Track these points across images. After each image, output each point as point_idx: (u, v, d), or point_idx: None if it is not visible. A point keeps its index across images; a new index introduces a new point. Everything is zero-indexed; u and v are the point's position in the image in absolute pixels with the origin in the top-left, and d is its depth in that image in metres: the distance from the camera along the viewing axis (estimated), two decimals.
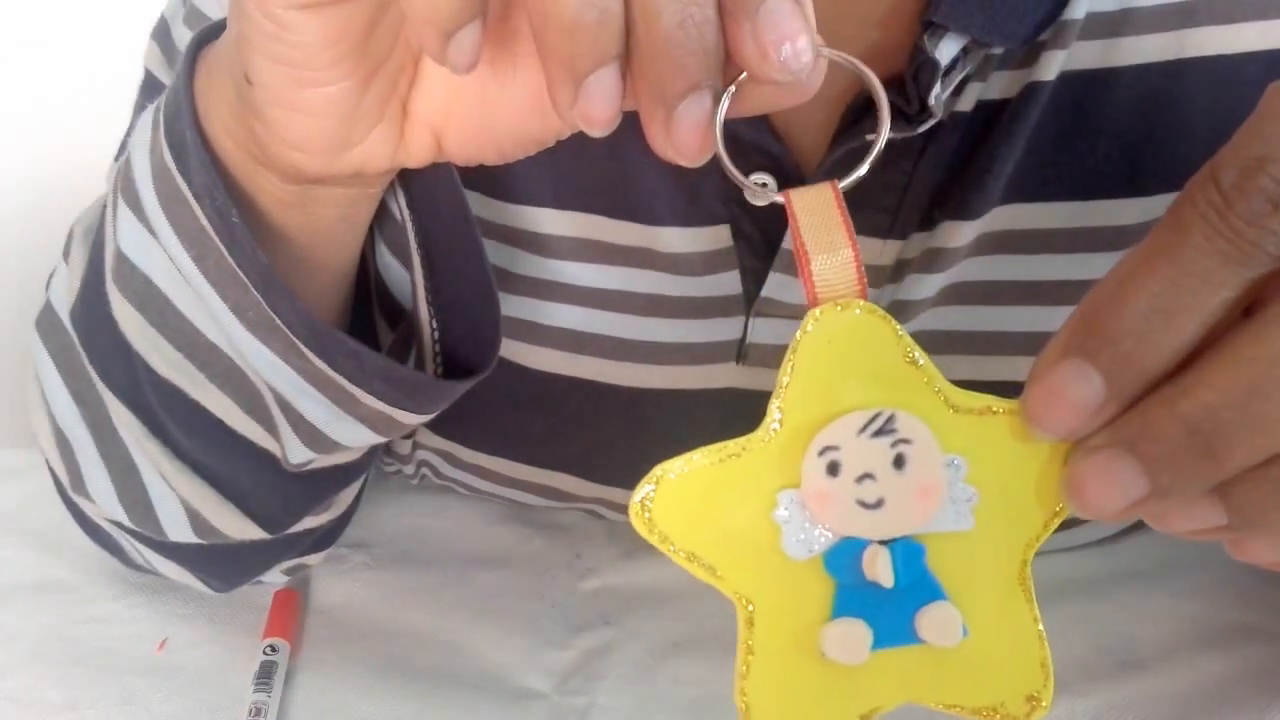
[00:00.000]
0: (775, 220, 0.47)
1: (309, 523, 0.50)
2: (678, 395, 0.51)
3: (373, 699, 0.51)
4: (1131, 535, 0.59)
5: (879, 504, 0.29)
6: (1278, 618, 0.54)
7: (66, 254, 0.47)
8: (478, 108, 0.35)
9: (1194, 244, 0.26)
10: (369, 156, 0.37)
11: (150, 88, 0.54)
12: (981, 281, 0.48)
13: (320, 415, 0.43)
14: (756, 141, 0.45)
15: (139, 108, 0.54)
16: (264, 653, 0.52)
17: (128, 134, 0.53)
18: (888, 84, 0.31)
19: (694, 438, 0.52)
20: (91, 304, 0.44)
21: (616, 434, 0.53)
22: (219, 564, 0.50)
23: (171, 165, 0.40)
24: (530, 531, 0.60)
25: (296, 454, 0.44)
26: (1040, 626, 0.31)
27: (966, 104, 0.44)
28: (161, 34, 0.54)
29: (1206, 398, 0.26)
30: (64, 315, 0.46)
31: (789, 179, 0.46)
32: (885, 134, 0.30)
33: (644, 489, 0.29)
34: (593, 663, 0.53)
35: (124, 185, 0.42)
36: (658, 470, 0.29)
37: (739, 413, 0.50)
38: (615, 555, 0.59)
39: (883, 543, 0.29)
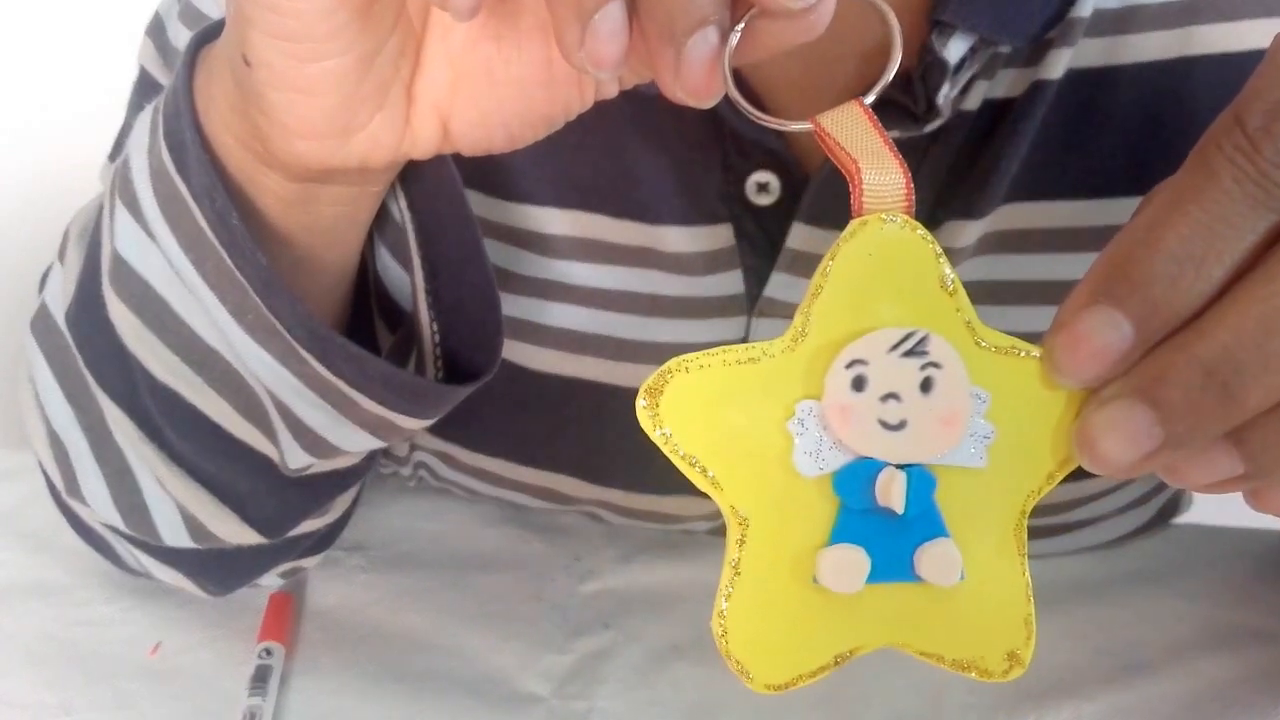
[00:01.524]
0: (777, 220, 0.47)
1: (306, 526, 0.50)
2: None
3: (369, 703, 0.51)
4: (1135, 539, 0.59)
5: (901, 426, 0.28)
6: None
7: (62, 255, 0.47)
8: (485, 87, 0.35)
9: (1223, 188, 0.26)
10: (373, 145, 0.36)
11: (145, 85, 0.54)
12: (986, 281, 0.47)
13: (320, 420, 0.42)
14: (758, 140, 0.45)
15: (134, 105, 0.54)
16: (259, 656, 0.51)
17: (122, 132, 0.53)
18: (894, 83, 0.31)
19: None
20: (87, 306, 0.44)
21: (617, 435, 0.52)
22: (214, 568, 0.50)
23: (170, 167, 0.39)
24: (529, 534, 0.60)
25: (295, 459, 0.44)
26: (1028, 581, 0.30)
27: (973, 103, 0.44)
28: (156, 31, 0.54)
29: (1223, 338, 0.26)
30: (59, 317, 0.46)
31: (791, 177, 0.46)
32: (897, 58, 0.30)
33: (655, 380, 0.27)
34: (592, 666, 0.53)
35: (121, 187, 0.42)
36: (672, 362, 0.28)
37: None
38: (614, 558, 0.58)
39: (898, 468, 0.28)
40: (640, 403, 0.27)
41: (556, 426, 0.53)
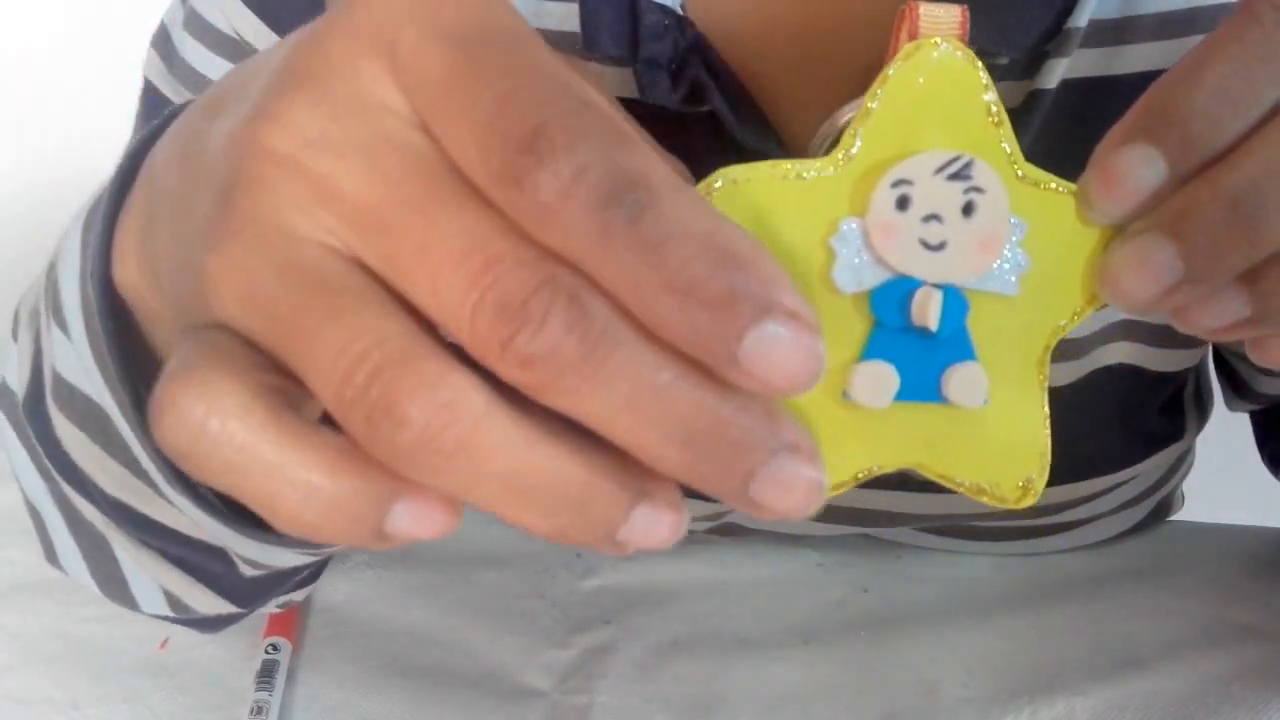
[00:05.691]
0: None
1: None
2: None
3: (374, 697, 0.51)
4: (1130, 536, 0.59)
5: (940, 246, 0.28)
6: (1275, 617, 0.54)
7: (15, 335, 0.45)
8: None
9: (1265, 30, 0.26)
10: None
11: (150, 97, 0.53)
12: None
13: (251, 551, 0.41)
14: (761, 149, 0.45)
15: (141, 116, 0.53)
16: (265, 651, 0.52)
17: (131, 144, 0.52)
18: None
19: None
20: (37, 413, 0.42)
21: None
22: (200, 623, 0.50)
23: (94, 307, 0.36)
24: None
25: (247, 571, 0.43)
26: (1047, 414, 0.30)
27: None
28: (161, 41, 0.53)
29: (1250, 171, 0.26)
30: (19, 400, 0.44)
31: None
32: None
33: (701, 188, 0.27)
34: (593, 661, 0.53)
35: (53, 306, 0.39)
36: (720, 172, 0.28)
37: None
38: (615, 555, 0.59)
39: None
40: None
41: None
